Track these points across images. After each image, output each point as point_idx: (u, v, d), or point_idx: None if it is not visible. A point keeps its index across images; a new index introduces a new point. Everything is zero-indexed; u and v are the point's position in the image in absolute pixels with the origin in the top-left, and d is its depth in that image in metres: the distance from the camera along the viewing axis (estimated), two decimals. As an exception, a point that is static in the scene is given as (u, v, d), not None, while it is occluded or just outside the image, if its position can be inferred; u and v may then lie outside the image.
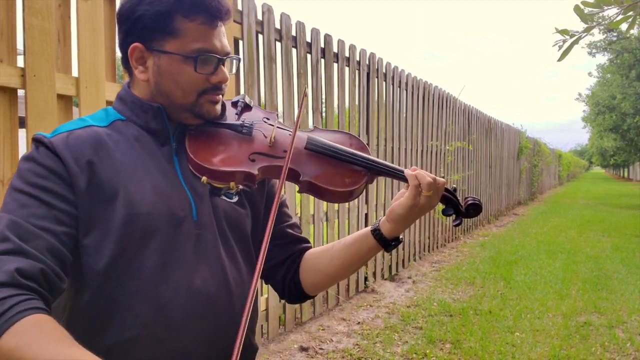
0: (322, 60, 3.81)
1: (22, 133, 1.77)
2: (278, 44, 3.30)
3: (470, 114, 8.01)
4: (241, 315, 0.94)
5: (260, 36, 3.13)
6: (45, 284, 0.75)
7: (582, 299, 4.41)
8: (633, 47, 17.26)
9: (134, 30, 0.88)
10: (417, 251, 5.87)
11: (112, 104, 0.98)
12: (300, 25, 3.50)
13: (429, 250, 6.31)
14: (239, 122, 0.98)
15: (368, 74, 4.55)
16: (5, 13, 1.69)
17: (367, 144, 4.49)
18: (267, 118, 1.03)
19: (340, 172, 0.98)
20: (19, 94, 1.77)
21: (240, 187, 0.98)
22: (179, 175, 0.92)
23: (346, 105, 4.24)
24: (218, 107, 0.95)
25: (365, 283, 4.55)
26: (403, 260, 5.44)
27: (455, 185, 1.03)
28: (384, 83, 4.89)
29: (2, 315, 0.69)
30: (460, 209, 1.02)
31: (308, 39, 3.63)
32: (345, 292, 4.23)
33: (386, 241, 0.98)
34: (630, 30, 1.66)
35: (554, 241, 7.57)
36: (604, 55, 20.43)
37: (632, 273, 5.43)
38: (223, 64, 0.92)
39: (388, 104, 4.97)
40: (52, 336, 0.69)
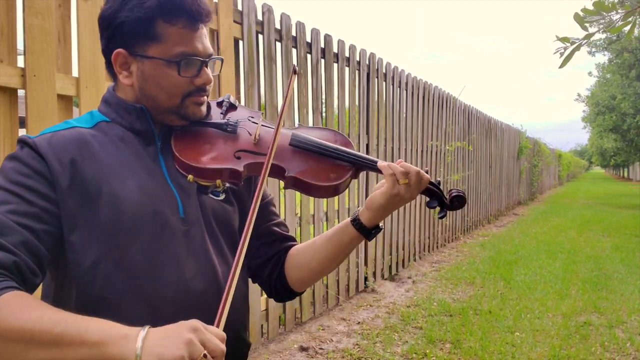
0: (322, 60, 3.81)
1: (22, 133, 1.77)
2: (278, 44, 3.30)
3: (470, 114, 8.01)
4: (231, 312, 0.95)
5: (260, 36, 3.13)
6: (18, 276, 0.76)
7: (582, 298, 4.41)
8: (633, 47, 17.26)
9: (116, 37, 0.89)
10: (417, 251, 5.87)
11: None
12: (300, 25, 3.50)
13: (429, 250, 6.31)
14: (224, 120, 0.99)
15: (368, 74, 4.55)
16: (6, 13, 1.69)
17: (367, 144, 4.49)
18: (252, 117, 1.03)
19: (324, 168, 0.98)
20: (19, 94, 1.77)
21: (226, 185, 0.99)
22: (164, 174, 0.93)
23: (346, 105, 4.24)
24: (203, 108, 0.96)
25: (365, 283, 4.55)
26: (403, 260, 5.44)
27: (439, 179, 1.04)
28: (384, 83, 4.89)
29: None
30: (445, 201, 1.02)
31: (308, 39, 3.63)
32: (345, 292, 4.23)
33: (366, 230, 0.99)
34: (632, 35, 1.66)
35: (554, 241, 7.57)
36: (604, 55, 20.43)
37: (632, 273, 5.43)
38: (206, 66, 0.93)
39: (388, 104, 4.97)
40: (33, 305, 0.72)
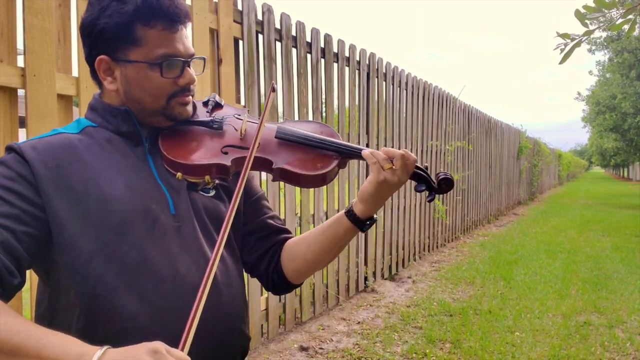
0: (322, 60, 3.81)
1: (22, 133, 1.77)
2: (278, 44, 3.30)
3: (470, 114, 8.01)
4: (228, 304, 0.95)
5: (260, 36, 3.13)
6: None
7: (582, 298, 4.42)
8: (633, 47, 17.25)
9: (97, 44, 0.90)
10: (417, 251, 5.87)
11: None
12: (300, 25, 3.50)
13: (428, 250, 6.31)
14: (210, 118, 1.00)
15: (368, 74, 4.55)
16: (5, 13, 1.69)
17: (367, 144, 4.49)
18: (238, 114, 1.04)
19: (311, 158, 0.99)
20: (19, 94, 1.77)
21: (216, 181, 1.00)
22: (154, 173, 0.94)
23: (346, 105, 4.24)
24: (189, 108, 0.97)
25: (365, 283, 4.55)
26: (403, 260, 5.44)
27: (427, 164, 1.04)
28: (384, 83, 4.89)
29: None
30: (433, 185, 1.02)
31: (308, 39, 3.63)
32: (345, 291, 4.23)
33: (360, 222, 1.00)
34: (632, 33, 1.66)
35: (554, 241, 7.57)
36: (604, 55, 20.42)
37: (632, 273, 5.43)
38: (189, 66, 0.94)
39: (388, 104, 4.98)
40: (6, 313, 0.73)
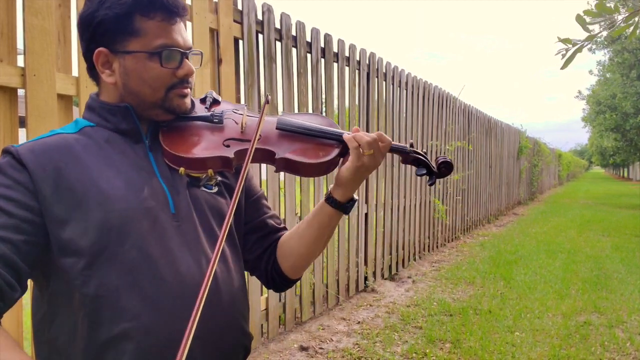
0: (322, 60, 3.81)
1: (22, 133, 1.77)
2: (278, 44, 3.30)
3: (470, 114, 8.01)
4: (229, 302, 0.95)
5: (260, 36, 3.13)
6: None
7: (582, 298, 4.42)
8: (633, 47, 17.25)
9: (96, 36, 0.90)
10: (417, 251, 5.87)
11: None
12: (300, 25, 3.50)
13: (428, 250, 6.31)
14: (209, 113, 1.00)
15: (368, 74, 4.55)
16: (5, 13, 1.69)
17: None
18: (237, 109, 1.05)
19: (312, 147, 1.00)
20: (19, 94, 1.77)
21: (218, 177, 1.00)
22: (154, 170, 0.93)
23: (346, 105, 4.24)
24: (187, 100, 0.97)
25: (365, 283, 4.55)
26: (403, 260, 5.44)
27: (425, 150, 1.05)
28: (384, 83, 4.89)
29: None
30: (432, 169, 1.05)
31: (308, 39, 3.63)
32: (345, 291, 4.23)
33: (342, 205, 1.02)
34: (634, 36, 1.66)
35: (554, 241, 7.57)
36: (604, 55, 20.41)
37: (632, 273, 5.43)
38: (187, 58, 0.94)
39: (388, 103, 4.97)
40: (6, 347, 0.75)
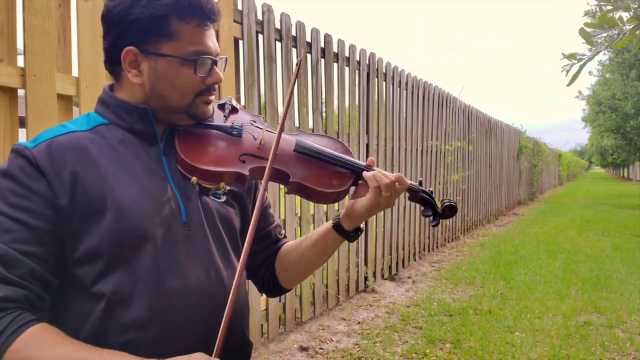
0: (322, 60, 3.81)
1: (22, 133, 1.77)
2: (278, 44, 3.30)
3: (470, 114, 8.01)
4: (238, 311, 0.95)
5: (260, 36, 3.13)
6: (30, 308, 0.79)
7: (582, 298, 4.41)
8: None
9: (127, 33, 0.87)
10: (417, 251, 5.87)
11: None
12: (300, 25, 3.50)
13: (428, 250, 6.31)
14: (229, 124, 0.99)
15: (368, 74, 4.55)
16: (5, 13, 1.69)
17: (367, 144, 4.49)
18: (254, 121, 1.04)
19: (327, 174, 1.01)
20: (19, 94, 1.77)
21: (228, 188, 1.00)
22: (167, 176, 0.91)
23: (346, 105, 4.24)
24: (211, 107, 0.96)
25: (365, 283, 4.55)
26: (403, 260, 5.44)
27: (432, 189, 1.08)
28: (384, 83, 4.89)
29: (1, 334, 0.74)
30: (437, 211, 1.10)
31: (308, 39, 3.62)
32: (345, 292, 4.23)
33: (348, 234, 1.04)
34: (637, 49, 1.65)
35: (554, 241, 7.57)
36: (605, 55, 20.41)
37: (632, 273, 5.43)
38: (216, 65, 0.92)
39: (388, 104, 4.97)
40: (57, 340, 0.76)
